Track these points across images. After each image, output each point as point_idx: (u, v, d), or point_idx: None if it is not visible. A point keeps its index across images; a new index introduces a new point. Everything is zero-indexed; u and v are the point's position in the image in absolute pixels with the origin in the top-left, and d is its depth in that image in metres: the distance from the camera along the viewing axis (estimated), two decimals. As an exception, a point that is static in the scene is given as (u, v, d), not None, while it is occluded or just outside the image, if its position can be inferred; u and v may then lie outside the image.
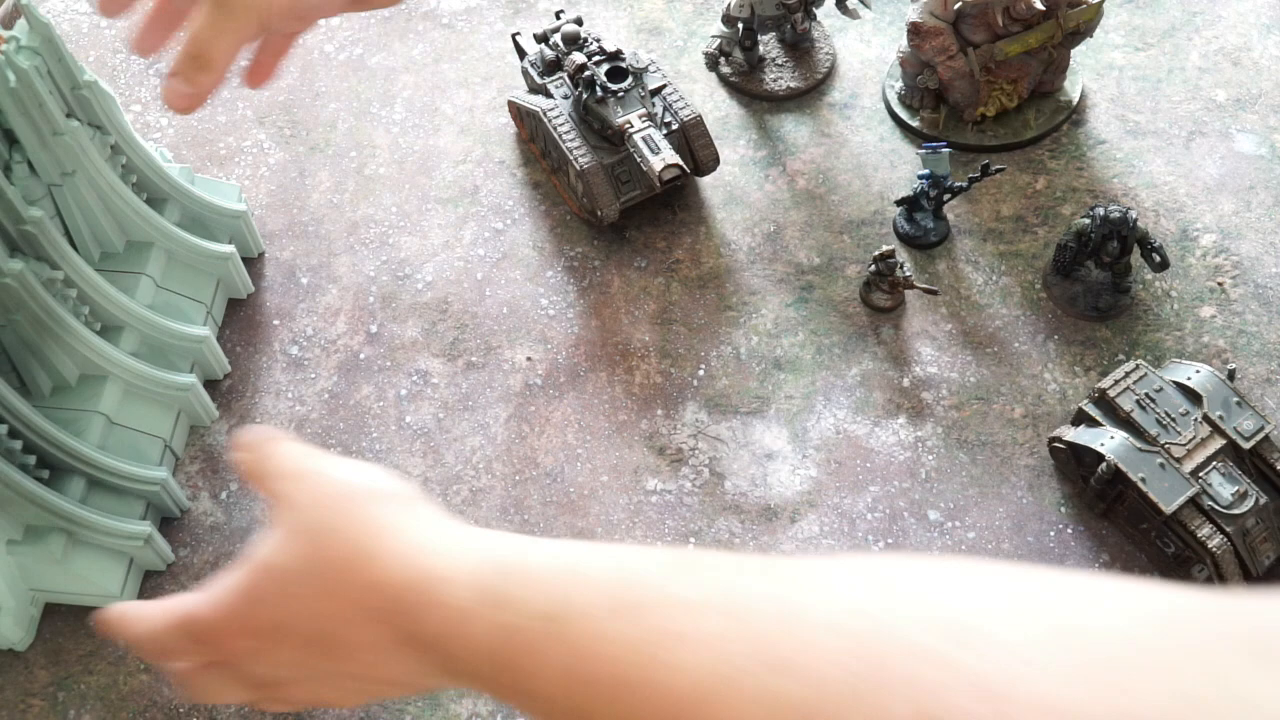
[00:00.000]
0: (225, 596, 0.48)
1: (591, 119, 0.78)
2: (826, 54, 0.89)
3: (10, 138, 0.63)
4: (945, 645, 0.29)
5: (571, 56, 0.79)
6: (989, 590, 0.31)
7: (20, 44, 0.61)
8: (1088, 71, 0.86)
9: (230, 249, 0.75)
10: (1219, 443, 0.65)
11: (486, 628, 0.40)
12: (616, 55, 0.78)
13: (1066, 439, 0.68)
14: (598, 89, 0.77)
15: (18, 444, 0.62)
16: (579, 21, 0.82)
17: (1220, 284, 0.77)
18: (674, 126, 0.78)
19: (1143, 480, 0.63)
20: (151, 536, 0.65)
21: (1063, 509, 0.69)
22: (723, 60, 0.88)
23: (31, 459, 0.63)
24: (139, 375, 0.68)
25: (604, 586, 0.38)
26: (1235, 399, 0.66)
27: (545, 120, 0.78)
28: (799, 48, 0.89)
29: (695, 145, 0.79)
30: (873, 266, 0.75)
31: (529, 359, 0.76)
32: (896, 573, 0.33)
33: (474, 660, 0.40)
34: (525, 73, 0.83)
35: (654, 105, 0.78)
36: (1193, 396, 0.66)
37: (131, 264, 0.71)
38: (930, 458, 0.71)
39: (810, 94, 0.87)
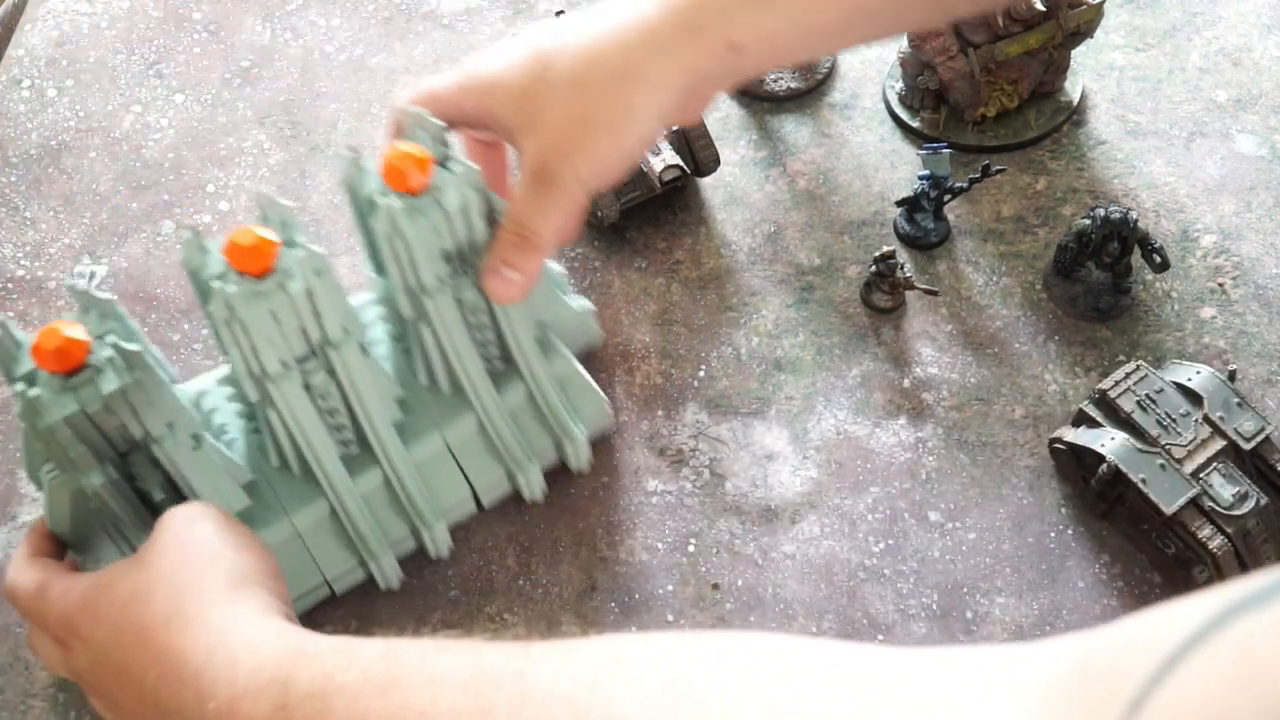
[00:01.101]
0: (74, 589, 0.53)
1: (592, 120, 0.78)
2: (827, 54, 0.89)
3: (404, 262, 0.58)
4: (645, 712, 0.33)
5: (572, 57, 0.79)
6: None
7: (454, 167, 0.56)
8: (1088, 72, 0.86)
9: (538, 474, 0.68)
10: (1219, 444, 0.65)
11: (262, 709, 0.42)
12: (617, 56, 0.78)
13: (1067, 440, 0.68)
14: (598, 90, 0.77)
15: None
16: (579, 22, 0.82)
17: (1221, 285, 0.77)
18: (674, 127, 0.78)
19: (1143, 481, 0.63)
20: None
21: (1063, 510, 0.69)
22: (723, 61, 0.88)
23: None
24: (349, 514, 0.63)
25: (369, 665, 0.42)
26: (1236, 400, 0.66)
27: (545, 121, 0.78)
28: (799, 48, 0.89)
29: (695, 146, 0.79)
30: (873, 267, 0.75)
31: (529, 360, 0.76)
32: (630, 648, 0.38)
33: None
34: (525, 73, 0.83)
35: (654, 106, 0.78)
36: (1193, 397, 0.66)
37: (441, 416, 0.65)
38: (931, 458, 0.71)
39: (810, 94, 0.87)
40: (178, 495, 0.59)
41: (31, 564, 0.58)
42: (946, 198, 0.78)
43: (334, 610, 0.66)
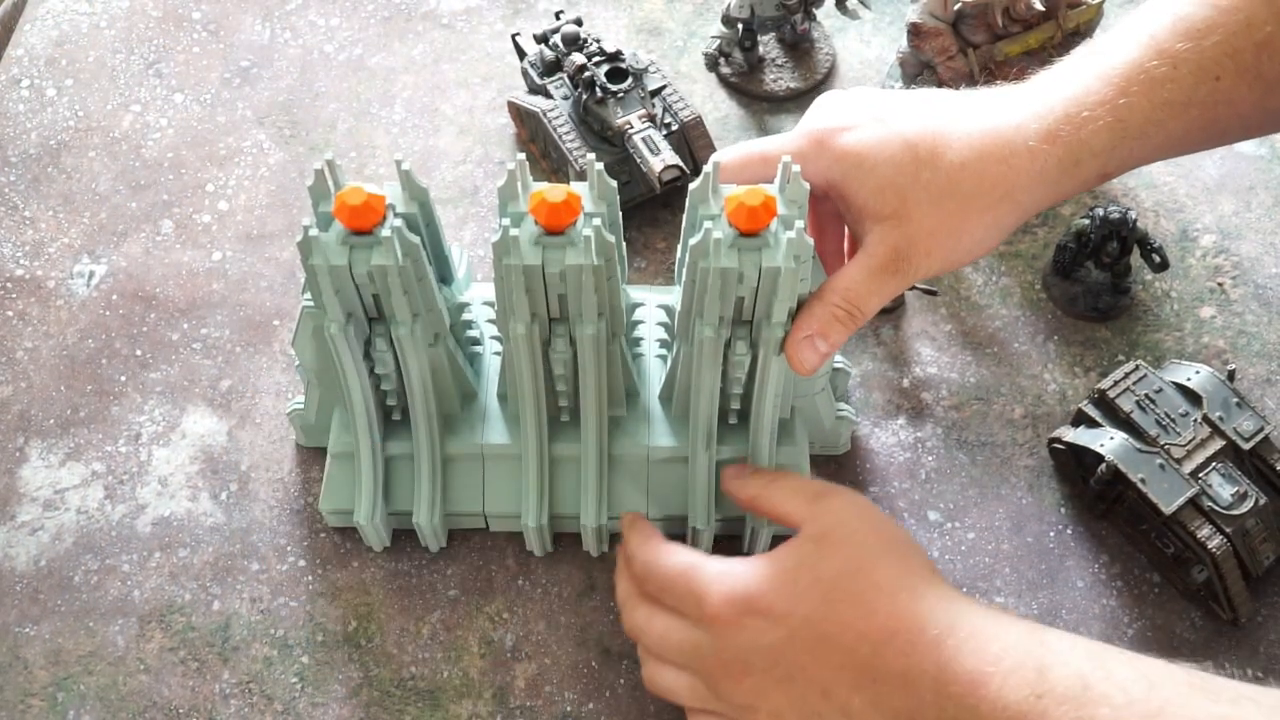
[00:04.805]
0: (745, 570, 0.55)
1: (591, 120, 0.78)
2: (826, 54, 0.89)
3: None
4: None
5: (571, 57, 0.79)
6: None
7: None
8: (1087, 72, 0.86)
9: (710, 536, 0.66)
10: (1219, 443, 0.65)
11: (1016, 691, 0.46)
12: (616, 56, 0.78)
13: (1066, 440, 0.68)
14: (597, 90, 0.77)
15: None
16: (579, 22, 0.82)
17: (1220, 284, 0.77)
18: (674, 127, 0.78)
19: (1142, 481, 0.63)
20: None
21: (1062, 509, 0.69)
22: (722, 61, 0.88)
23: None
24: (529, 468, 0.65)
25: (1127, 683, 0.45)
26: (1235, 400, 0.66)
27: (545, 120, 0.78)
28: (799, 48, 0.89)
29: (695, 146, 0.79)
30: (872, 267, 0.75)
31: (529, 359, 0.76)
32: None
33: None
34: (525, 73, 0.83)
35: (654, 106, 0.78)
36: (1192, 397, 0.66)
37: (657, 431, 0.66)
38: (930, 458, 0.71)
39: (810, 94, 0.87)
40: (399, 378, 0.62)
41: (664, 544, 0.59)
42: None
43: (331, 609, 0.66)
